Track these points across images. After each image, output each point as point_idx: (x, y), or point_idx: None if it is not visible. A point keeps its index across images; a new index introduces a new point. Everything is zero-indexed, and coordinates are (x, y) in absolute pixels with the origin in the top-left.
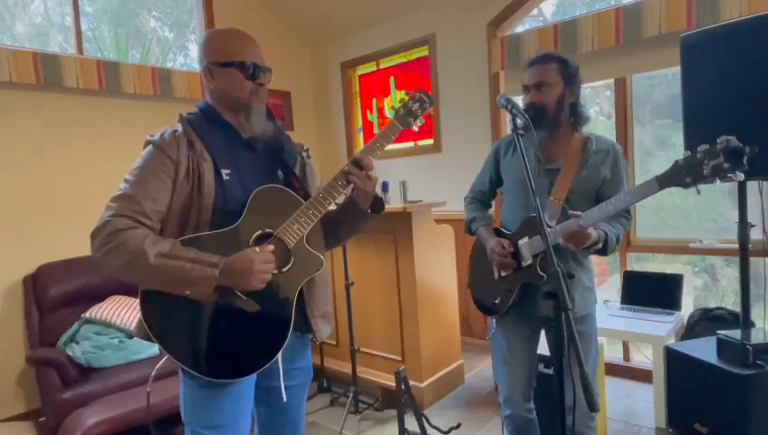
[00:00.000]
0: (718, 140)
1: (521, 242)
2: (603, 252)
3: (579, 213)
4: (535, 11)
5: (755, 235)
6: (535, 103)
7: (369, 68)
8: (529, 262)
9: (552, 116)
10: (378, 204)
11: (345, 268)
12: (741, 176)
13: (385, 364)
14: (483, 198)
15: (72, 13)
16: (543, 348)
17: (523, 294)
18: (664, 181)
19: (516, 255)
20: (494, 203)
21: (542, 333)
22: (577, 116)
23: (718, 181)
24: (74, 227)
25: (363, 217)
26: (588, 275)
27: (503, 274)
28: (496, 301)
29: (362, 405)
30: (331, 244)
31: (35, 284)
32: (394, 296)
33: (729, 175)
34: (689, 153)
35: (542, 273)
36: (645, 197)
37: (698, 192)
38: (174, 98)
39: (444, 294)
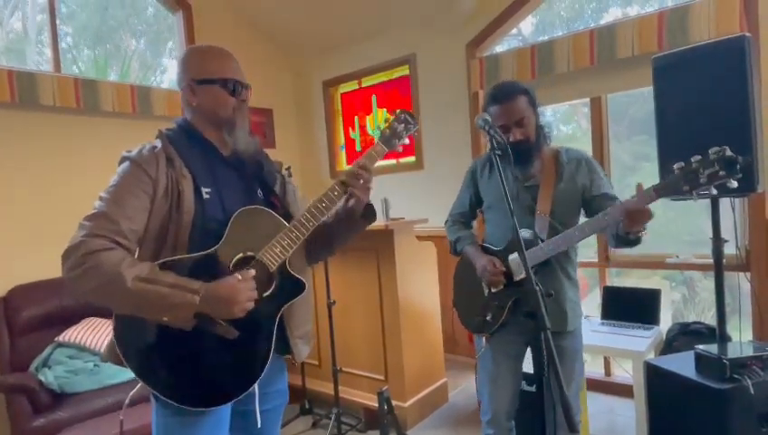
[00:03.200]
0: (711, 151)
1: (511, 257)
2: (637, 242)
3: (643, 187)
4: (514, 30)
5: (730, 249)
6: (523, 140)
7: (350, 86)
8: (522, 276)
9: (535, 143)
10: (369, 211)
11: (327, 287)
12: (734, 183)
13: (368, 384)
14: (464, 219)
15: (49, 30)
16: (527, 365)
17: (513, 308)
18: (662, 191)
19: (507, 271)
20: (474, 223)
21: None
22: (544, 132)
23: (713, 189)
24: (48, 247)
25: (357, 224)
26: (574, 290)
27: (493, 290)
28: (488, 318)
29: (345, 427)
30: (321, 256)
31: (7, 306)
32: (377, 315)
33: (724, 181)
34: (683, 163)
35: (537, 286)
36: (645, 204)
37: (695, 200)
38: (153, 116)
39: (427, 311)
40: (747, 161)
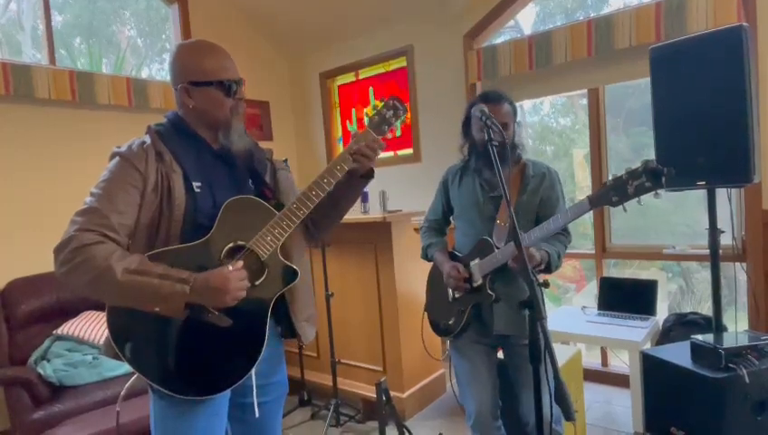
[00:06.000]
0: (641, 162)
1: (472, 263)
2: (547, 270)
3: (521, 233)
4: (512, 22)
5: (726, 240)
6: (503, 142)
7: (348, 78)
8: (479, 282)
9: (510, 152)
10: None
11: (325, 279)
12: (660, 194)
13: (366, 375)
14: (437, 226)
15: (43, 22)
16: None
17: (475, 314)
18: (594, 201)
19: (469, 276)
20: (448, 230)
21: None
22: (517, 149)
23: (640, 199)
24: (45, 241)
25: (358, 183)
26: (534, 292)
27: (456, 295)
28: (450, 322)
29: (344, 418)
30: (329, 225)
31: (4, 300)
32: (375, 306)
33: (650, 192)
34: (616, 175)
35: (490, 292)
36: (579, 216)
37: (625, 210)
38: (150, 109)
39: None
40: (671, 172)
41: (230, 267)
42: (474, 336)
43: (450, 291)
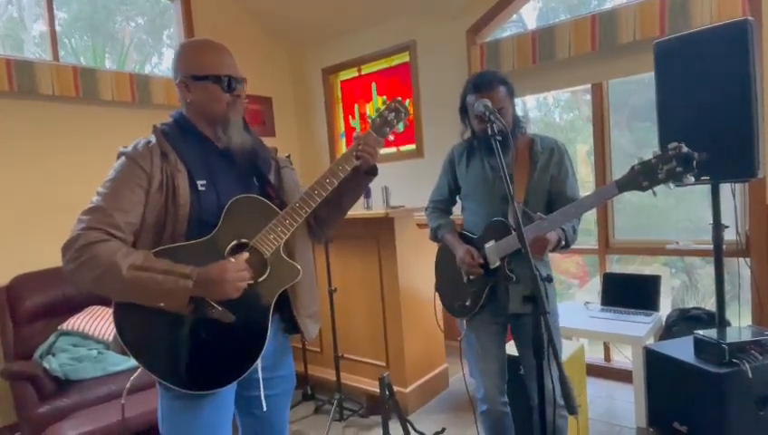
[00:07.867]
0: (670, 147)
1: (487, 245)
2: (566, 246)
3: (542, 215)
4: (515, 16)
5: (730, 235)
6: (502, 130)
7: (350, 74)
8: (497, 264)
9: (511, 133)
10: (371, 168)
11: (328, 275)
12: (691, 179)
13: (369, 370)
14: (443, 206)
15: (46, 18)
16: (511, 348)
17: (490, 293)
18: (623, 185)
19: (484, 259)
20: (453, 209)
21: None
22: (520, 123)
23: (671, 184)
24: (50, 236)
25: (361, 179)
26: (546, 270)
27: (471, 277)
28: (467, 303)
29: (347, 412)
30: (332, 221)
31: (10, 295)
32: (378, 302)
33: (682, 177)
34: (644, 159)
35: (510, 274)
36: (605, 200)
37: (654, 194)
38: (153, 105)
39: (427, 298)
40: (703, 157)
41: (232, 259)
42: (487, 317)
43: (465, 273)
